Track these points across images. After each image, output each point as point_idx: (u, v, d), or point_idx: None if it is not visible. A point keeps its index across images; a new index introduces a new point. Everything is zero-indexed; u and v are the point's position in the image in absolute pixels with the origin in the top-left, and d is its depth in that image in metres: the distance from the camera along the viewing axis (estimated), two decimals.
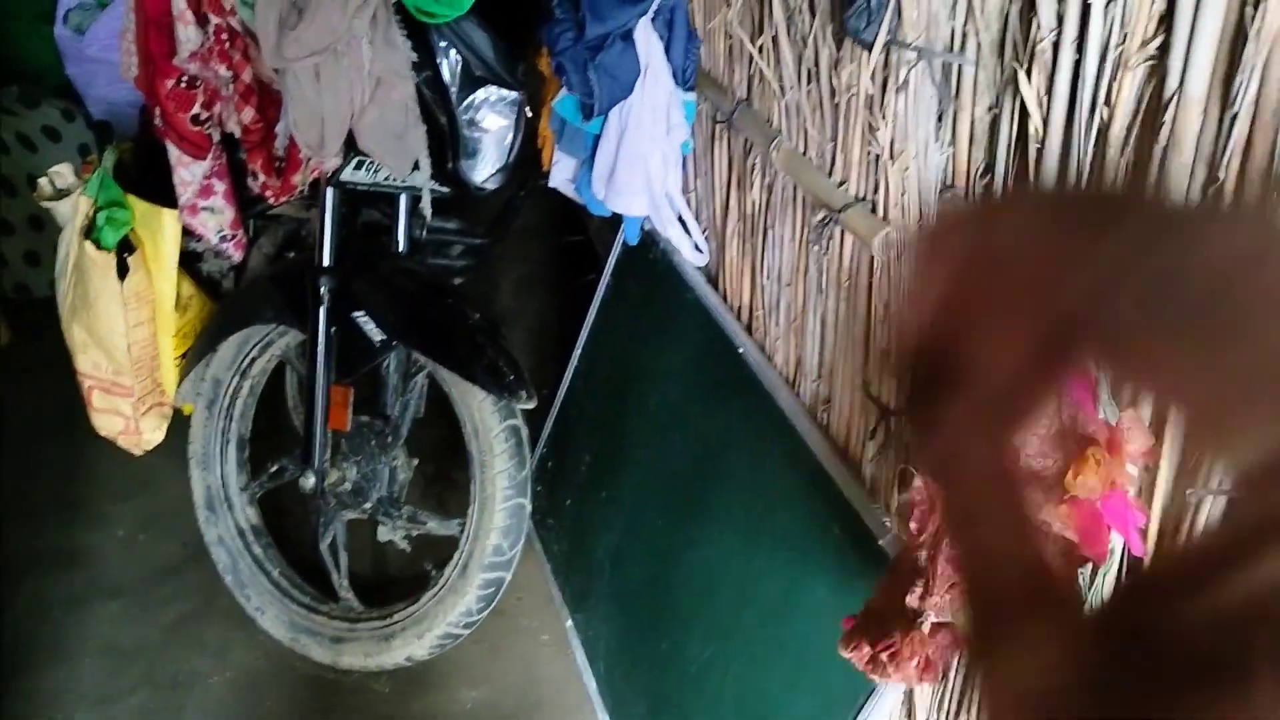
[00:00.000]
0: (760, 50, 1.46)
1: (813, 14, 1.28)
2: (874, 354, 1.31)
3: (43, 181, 2.14)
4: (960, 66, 1.07)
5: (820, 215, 1.35)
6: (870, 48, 1.12)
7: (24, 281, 2.87)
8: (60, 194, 2.13)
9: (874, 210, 1.26)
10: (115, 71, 2.55)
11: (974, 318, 0.33)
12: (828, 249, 1.38)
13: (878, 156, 1.22)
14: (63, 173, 2.15)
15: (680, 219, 1.87)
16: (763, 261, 1.62)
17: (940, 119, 1.14)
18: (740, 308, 1.75)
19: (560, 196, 2.04)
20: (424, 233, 2.12)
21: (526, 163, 2.04)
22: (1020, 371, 0.33)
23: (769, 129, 1.49)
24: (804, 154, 1.41)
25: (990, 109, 1.06)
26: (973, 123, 1.09)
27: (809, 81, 1.35)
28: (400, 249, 2.01)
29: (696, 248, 1.89)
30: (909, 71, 1.12)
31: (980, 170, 1.10)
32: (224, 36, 1.70)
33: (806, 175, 1.39)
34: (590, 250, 2.70)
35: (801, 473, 1.49)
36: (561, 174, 2.00)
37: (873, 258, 1.28)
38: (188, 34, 1.69)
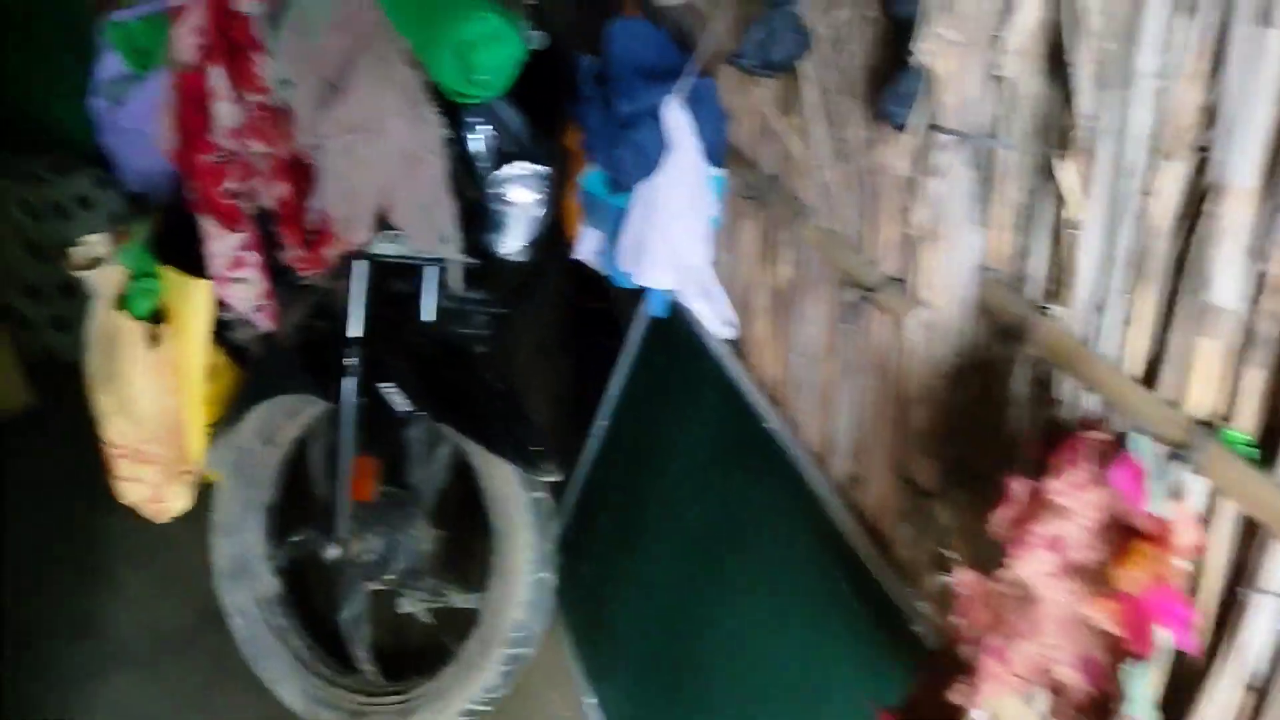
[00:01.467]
0: (791, 128, 1.47)
1: (846, 95, 1.30)
2: (908, 435, 1.30)
3: (76, 250, 2.17)
4: (998, 150, 1.08)
5: (852, 294, 1.35)
6: (904, 130, 1.12)
7: (51, 345, 2.89)
8: (93, 263, 2.15)
9: (907, 290, 1.26)
10: (149, 142, 2.60)
11: None
12: (860, 327, 1.38)
13: (912, 237, 1.22)
14: (96, 242, 2.18)
15: (707, 291, 1.88)
16: (792, 337, 1.62)
17: (977, 201, 1.14)
18: (768, 382, 1.74)
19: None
20: (449, 301, 2.13)
21: (552, 234, 2.06)
22: None
23: (800, 206, 1.50)
24: (836, 232, 1.41)
25: (1028, 192, 1.07)
26: (1010, 206, 1.09)
27: (841, 160, 1.35)
28: (426, 318, 2.02)
29: (723, 320, 1.89)
30: (945, 154, 1.12)
31: (1017, 254, 1.10)
32: (261, 114, 1.73)
33: (838, 253, 1.40)
34: (610, 315, 2.71)
35: (830, 552, 1.47)
36: (588, 246, 2.01)
37: (906, 338, 1.27)
38: (224, 110, 1.72)
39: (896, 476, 1.36)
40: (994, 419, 1.13)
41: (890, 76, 1.17)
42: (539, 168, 1.90)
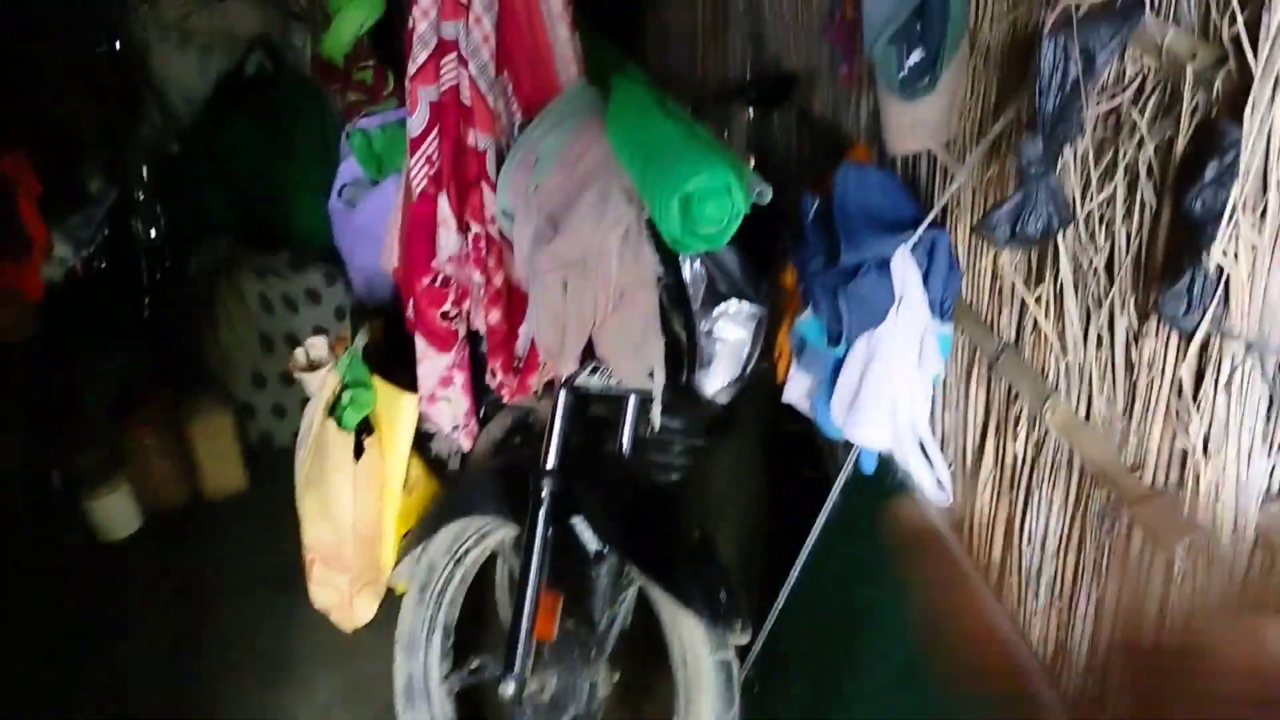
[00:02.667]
0: (1038, 300, 1.33)
1: (1110, 278, 1.16)
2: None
3: (299, 352, 2.26)
4: None
5: (1107, 497, 1.19)
6: (1190, 337, 0.98)
7: (269, 431, 3.03)
8: (313, 365, 2.23)
9: (1176, 507, 1.09)
10: (377, 242, 2.71)
11: None
12: (1112, 531, 1.21)
13: (1186, 451, 1.06)
14: (318, 345, 2.26)
15: (923, 453, 1.74)
16: (1022, 521, 1.46)
17: (1271, 420, 0.97)
18: (988, 565, 1.57)
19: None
20: (648, 431, 2.08)
21: (760, 373, 1.98)
22: None
23: (1042, 383, 1.36)
24: (1087, 421, 1.26)
25: None
26: None
27: (1098, 346, 1.21)
28: (624, 450, 1.97)
29: (940, 485, 1.74)
30: (1235, 365, 0.97)
31: None
32: (482, 244, 1.74)
33: (1089, 447, 1.24)
34: (810, 442, 2.59)
35: None
36: (797, 390, 1.92)
37: (1171, 559, 1.10)
38: (449, 239, 1.74)
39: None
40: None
41: (1171, 269, 1.03)
42: (752, 307, 1.83)
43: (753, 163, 3.36)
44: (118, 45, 3.26)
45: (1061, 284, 1.26)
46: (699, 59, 3.55)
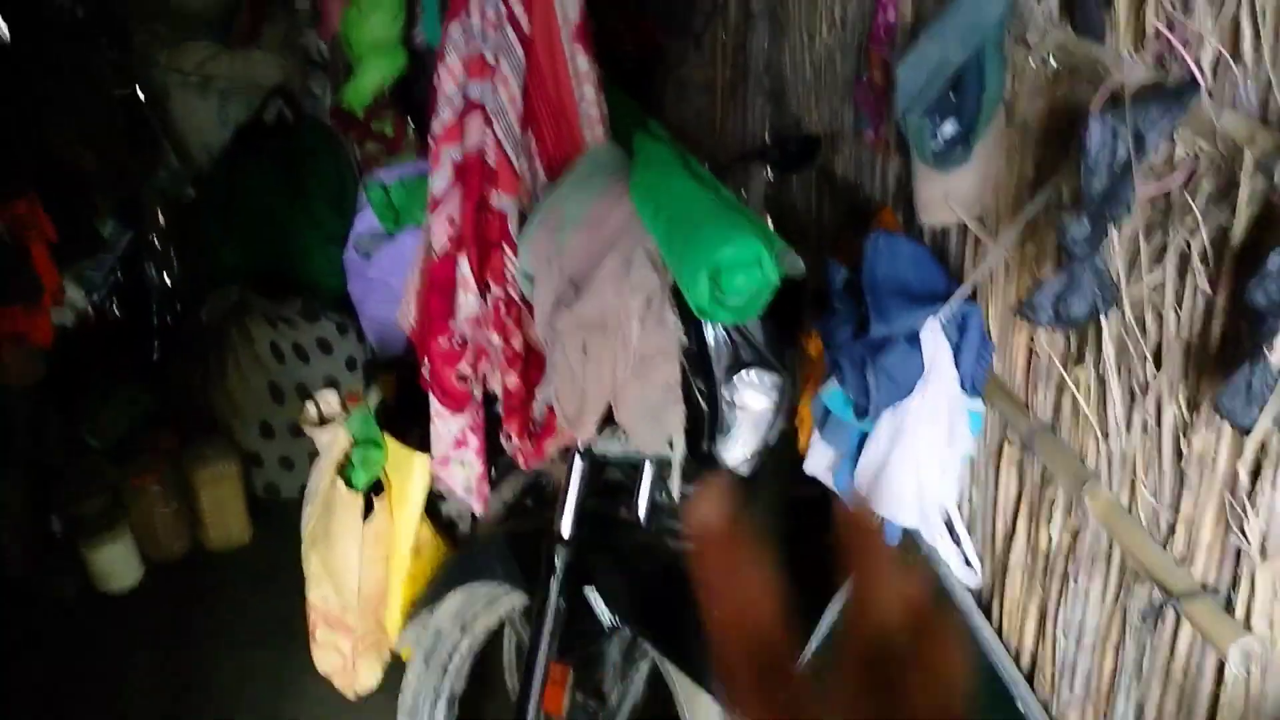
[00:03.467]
0: (1078, 381, 1.29)
1: (1157, 363, 1.11)
2: None
3: (309, 406, 2.22)
4: None
5: (1151, 594, 1.13)
6: (1248, 433, 0.93)
7: (275, 483, 2.98)
8: (324, 420, 2.19)
9: (1229, 607, 1.04)
10: (390, 294, 2.69)
11: None
12: (1156, 630, 1.16)
13: (1240, 549, 1.01)
14: (329, 400, 2.22)
15: (951, 531, 1.69)
16: (1057, 610, 1.40)
17: None
18: (1020, 651, 1.51)
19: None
20: (665, 497, 2.03)
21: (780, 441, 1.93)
22: None
23: (1080, 467, 1.31)
24: (1130, 511, 1.21)
25: None
26: None
27: (1143, 432, 1.16)
28: (640, 517, 1.92)
29: (967, 563, 1.69)
30: None
31: None
32: (501, 306, 1.71)
33: (1132, 537, 1.19)
34: (827, 507, 2.53)
35: None
36: (819, 461, 1.87)
37: (1223, 664, 1.04)
38: (468, 300, 1.71)
39: None
40: None
41: (1227, 361, 0.99)
42: (775, 375, 1.79)
43: (770, 222, 3.35)
44: (137, 90, 3.26)
45: (1104, 366, 1.21)
46: (717, 117, 3.54)
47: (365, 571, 1.99)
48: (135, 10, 3.28)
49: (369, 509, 1.98)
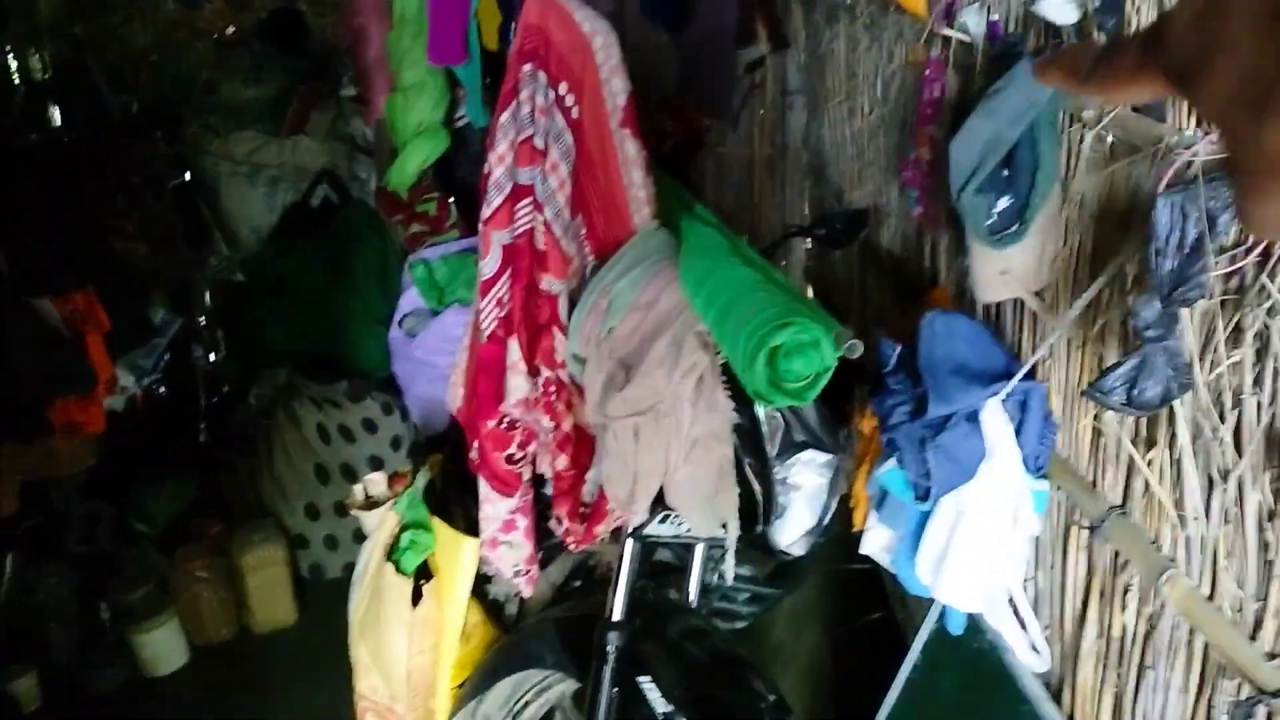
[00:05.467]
0: (1149, 464, 1.25)
1: (1238, 449, 1.08)
2: None
3: (356, 489, 2.21)
4: None
5: (1240, 690, 1.08)
6: None
7: (320, 563, 2.97)
8: (371, 503, 2.18)
9: None
10: (434, 373, 2.69)
11: None
12: None
13: None
14: (376, 481, 2.21)
15: (1017, 615, 1.63)
16: (1135, 701, 1.34)
17: None
18: None
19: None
20: (715, 578, 2.00)
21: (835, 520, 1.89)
22: None
23: (1155, 553, 1.26)
24: (1211, 599, 1.16)
25: None
26: None
27: (1224, 521, 1.12)
28: (692, 599, 1.89)
29: (1034, 648, 1.63)
30: None
31: None
32: (551, 389, 1.70)
33: (1215, 629, 1.14)
34: (876, 581, 2.48)
35: None
36: (877, 542, 1.83)
37: None
38: (518, 383, 1.70)
39: None
40: None
41: None
42: (829, 455, 1.76)
43: (810, 294, 3.34)
44: (188, 178, 3.34)
45: (1179, 450, 1.17)
46: (756, 193, 3.57)
47: (413, 659, 1.96)
48: (188, 104, 3.38)
49: (418, 595, 1.95)
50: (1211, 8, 0.41)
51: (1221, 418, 1.09)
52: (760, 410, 1.71)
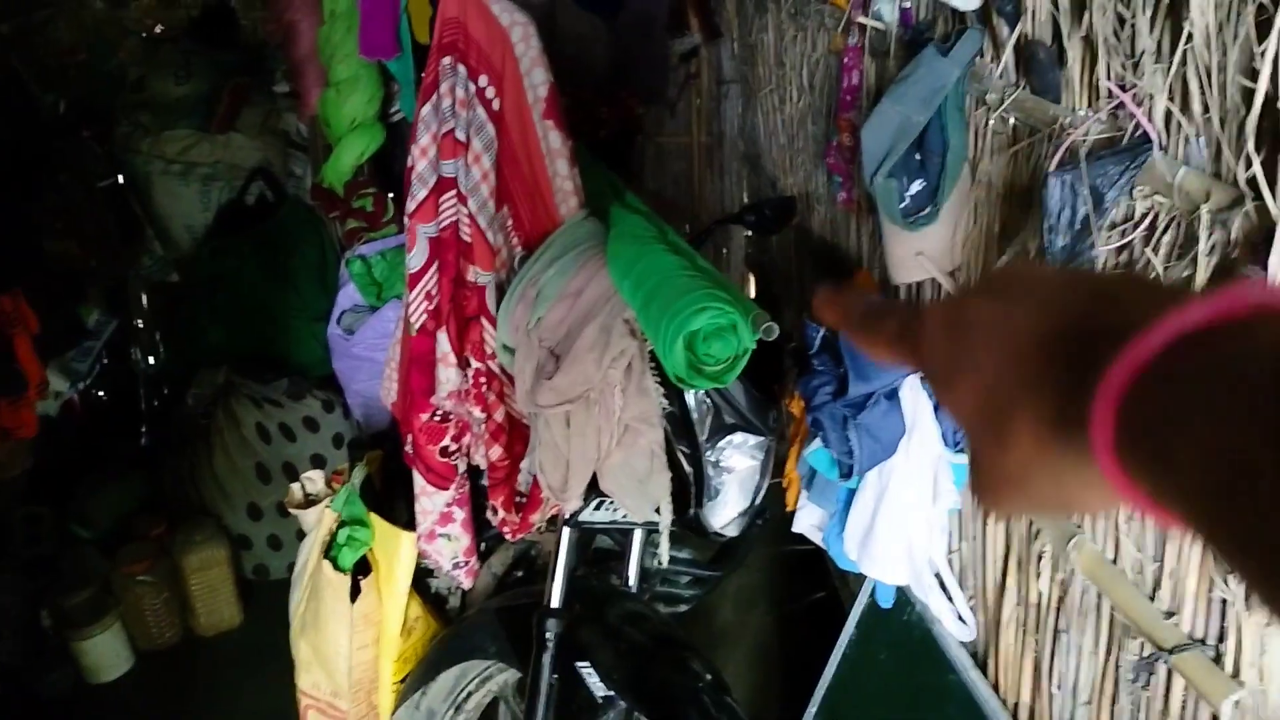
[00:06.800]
0: None
1: None
2: None
3: (294, 487, 2.20)
4: None
5: (1142, 649, 1.12)
6: None
7: (265, 564, 2.95)
8: (309, 501, 2.17)
9: (1219, 660, 1.03)
10: (375, 369, 2.69)
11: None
12: (1148, 685, 1.15)
13: (1226, 601, 1.00)
14: (315, 479, 2.21)
15: (942, 586, 1.68)
16: (1051, 664, 1.39)
17: None
18: (1017, 705, 1.50)
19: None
20: (655, 562, 2.02)
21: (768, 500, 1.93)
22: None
23: (1065, 522, 1.30)
24: (1114, 563, 1.20)
25: None
26: None
27: None
28: (631, 584, 1.91)
29: (960, 618, 1.67)
30: None
31: None
32: (482, 379, 1.71)
33: (1119, 591, 1.18)
34: (821, 561, 2.52)
35: None
36: (808, 520, 1.87)
37: (1216, 717, 1.03)
38: (448, 375, 1.71)
39: None
40: None
41: None
42: (759, 437, 1.79)
43: (751, 281, 3.38)
44: (120, 179, 3.29)
45: None
46: (695, 180, 3.59)
47: (355, 655, 1.96)
48: (118, 102, 3.32)
49: (356, 590, 1.96)
50: (958, 326, 0.41)
51: None
52: (690, 395, 1.73)
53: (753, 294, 3.32)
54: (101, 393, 3.34)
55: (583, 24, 3.05)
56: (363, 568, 1.97)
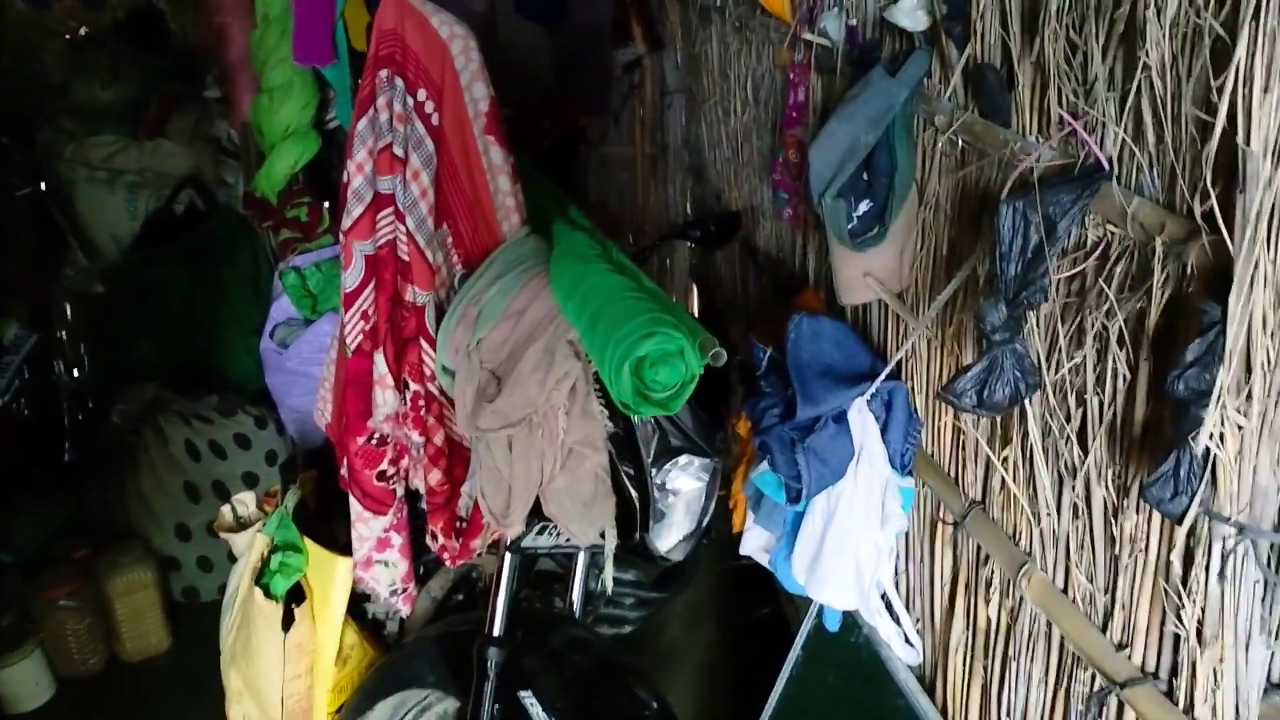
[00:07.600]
0: (1004, 461, 1.28)
1: (1084, 447, 1.10)
2: None
3: (225, 510, 2.13)
4: None
5: (1094, 681, 1.11)
6: (1179, 522, 0.92)
7: (194, 586, 2.85)
8: (241, 524, 2.10)
9: (1171, 695, 1.02)
10: (310, 384, 2.61)
11: None
12: (1100, 717, 1.13)
13: (1178, 635, 0.99)
14: (245, 502, 2.14)
15: (889, 610, 1.66)
16: (1000, 691, 1.37)
17: (1266, 606, 0.91)
18: None
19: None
20: (599, 585, 1.98)
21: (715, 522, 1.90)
22: None
23: (1014, 549, 1.29)
24: (1065, 593, 1.19)
25: None
26: None
27: (1074, 515, 1.15)
28: (574, 609, 1.87)
29: (907, 641, 1.66)
30: (1226, 550, 0.91)
31: None
32: (421, 402, 1.65)
33: (1070, 622, 1.17)
34: (767, 576, 2.50)
35: None
36: (755, 542, 1.84)
37: None
38: (385, 398, 1.65)
39: None
40: None
41: (1152, 447, 0.99)
42: (705, 459, 1.76)
43: (696, 294, 3.36)
44: (43, 187, 3.16)
45: (1031, 448, 1.20)
46: (639, 191, 3.56)
47: (289, 685, 1.89)
48: (40, 107, 3.20)
49: (289, 618, 1.88)
50: None
51: (1067, 417, 1.12)
52: (635, 418, 1.70)
53: (697, 308, 3.30)
54: (25, 409, 3.20)
55: (524, 34, 3.01)
56: (296, 595, 1.90)
